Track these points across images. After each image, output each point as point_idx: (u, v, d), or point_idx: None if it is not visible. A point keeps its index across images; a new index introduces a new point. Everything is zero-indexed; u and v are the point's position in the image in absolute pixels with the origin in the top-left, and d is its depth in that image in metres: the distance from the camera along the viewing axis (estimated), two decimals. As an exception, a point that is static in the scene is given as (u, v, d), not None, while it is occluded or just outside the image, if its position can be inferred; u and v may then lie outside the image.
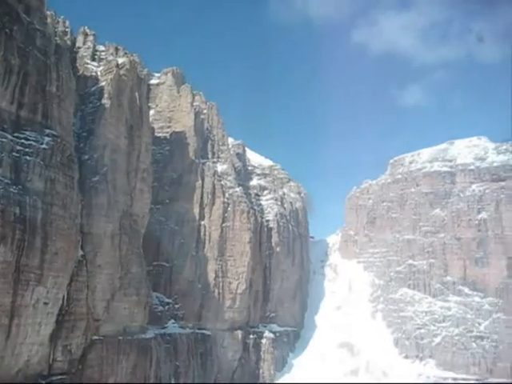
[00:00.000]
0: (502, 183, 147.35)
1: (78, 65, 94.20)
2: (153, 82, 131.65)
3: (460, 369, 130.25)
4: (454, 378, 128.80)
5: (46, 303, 62.82)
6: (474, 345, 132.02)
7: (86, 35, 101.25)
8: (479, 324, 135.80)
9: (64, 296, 68.94)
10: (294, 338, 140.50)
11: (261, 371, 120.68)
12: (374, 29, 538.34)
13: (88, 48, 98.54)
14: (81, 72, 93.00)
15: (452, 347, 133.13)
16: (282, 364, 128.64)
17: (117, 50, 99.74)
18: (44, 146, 64.52)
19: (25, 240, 57.96)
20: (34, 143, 63.49)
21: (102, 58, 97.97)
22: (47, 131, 66.76)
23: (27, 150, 62.23)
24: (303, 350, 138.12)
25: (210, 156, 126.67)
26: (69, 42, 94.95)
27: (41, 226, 60.56)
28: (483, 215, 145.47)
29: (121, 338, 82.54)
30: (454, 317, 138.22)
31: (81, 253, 75.07)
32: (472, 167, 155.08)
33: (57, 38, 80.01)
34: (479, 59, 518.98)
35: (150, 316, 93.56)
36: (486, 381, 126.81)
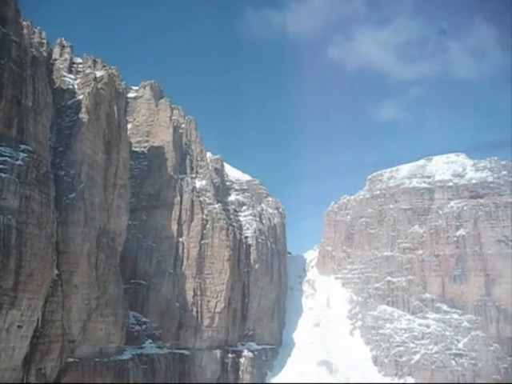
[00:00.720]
0: (481, 200, 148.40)
1: (54, 77, 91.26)
2: (130, 95, 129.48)
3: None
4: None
5: (19, 326, 59.83)
6: (453, 362, 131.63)
7: (63, 47, 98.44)
8: (458, 341, 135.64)
9: (38, 318, 65.86)
10: (272, 356, 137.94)
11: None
12: (350, 45, 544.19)
13: (65, 60, 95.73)
14: (57, 85, 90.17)
15: (431, 365, 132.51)
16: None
17: (95, 62, 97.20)
18: (19, 162, 61.70)
19: (-2, 261, 55.14)
20: (8, 159, 60.67)
21: (80, 71, 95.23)
22: (22, 147, 63.96)
23: (1, 166, 59.36)
24: (281, 369, 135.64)
25: (188, 171, 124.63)
26: (45, 54, 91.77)
27: (15, 247, 57.66)
28: (461, 232, 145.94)
29: (97, 359, 79.82)
30: (432, 334, 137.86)
31: (56, 272, 72.08)
32: (450, 184, 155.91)
33: (33, 50, 77.15)
34: (454, 76, 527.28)
35: (126, 336, 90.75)
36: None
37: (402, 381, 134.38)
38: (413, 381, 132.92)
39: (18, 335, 60.01)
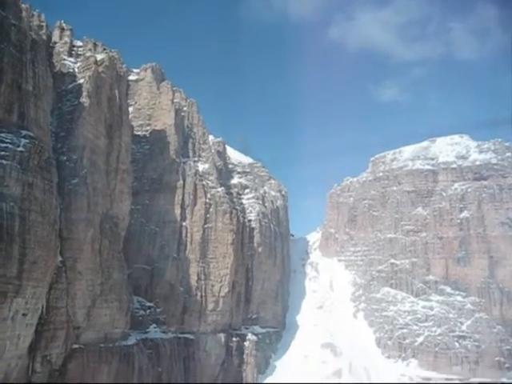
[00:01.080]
0: (484, 182, 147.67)
1: (54, 61, 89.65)
2: (131, 78, 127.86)
3: (443, 369, 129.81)
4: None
5: (24, 314, 59.26)
6: (457, 344, 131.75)
7: (63, 30, 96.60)
8: (461, 323, 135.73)
9: (43, 305, 65.37)
10: (276, 339, 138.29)
11: (244, 375, 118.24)
12: (351, 25, 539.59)
13: (65, 43, 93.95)
14: (57, 68, 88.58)
15: (435, 347, 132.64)
16: (264, 366, 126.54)
17: (95, 45, 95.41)
18: (21, 148, 60.46)
19: (2, 249, 54.19)
20: (10, 146, 59.41)
21: (80, 54, 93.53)
22: (24, 132, 62.68)
23: (3, 153, 58.14)
24: (285, 351, 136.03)
25: (190, 155, 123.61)
26: (44, 37, 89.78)
27: (18, 234, 56.69)
28: (465, 214, 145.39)
29: (102, 345, 79.57)
30: (436, 316, 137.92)
31: (60, 259, 71.44)
32: (454, 166, 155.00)
33: (32, 33, 75.45)
34: (456, 57, 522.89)
35: (131, 321, 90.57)
36: (468, 381, 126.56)
37: (405, 363, 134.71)
38: (416, 363, 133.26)
39: (23, 323, 59.50)
